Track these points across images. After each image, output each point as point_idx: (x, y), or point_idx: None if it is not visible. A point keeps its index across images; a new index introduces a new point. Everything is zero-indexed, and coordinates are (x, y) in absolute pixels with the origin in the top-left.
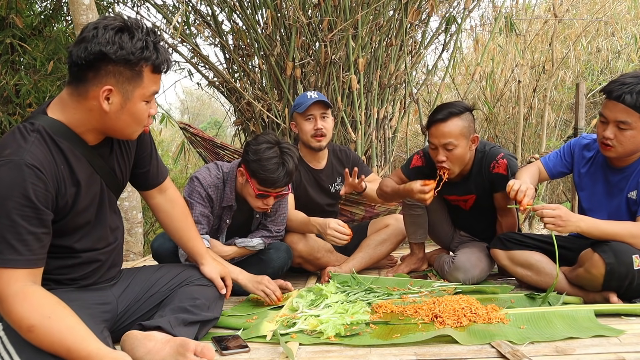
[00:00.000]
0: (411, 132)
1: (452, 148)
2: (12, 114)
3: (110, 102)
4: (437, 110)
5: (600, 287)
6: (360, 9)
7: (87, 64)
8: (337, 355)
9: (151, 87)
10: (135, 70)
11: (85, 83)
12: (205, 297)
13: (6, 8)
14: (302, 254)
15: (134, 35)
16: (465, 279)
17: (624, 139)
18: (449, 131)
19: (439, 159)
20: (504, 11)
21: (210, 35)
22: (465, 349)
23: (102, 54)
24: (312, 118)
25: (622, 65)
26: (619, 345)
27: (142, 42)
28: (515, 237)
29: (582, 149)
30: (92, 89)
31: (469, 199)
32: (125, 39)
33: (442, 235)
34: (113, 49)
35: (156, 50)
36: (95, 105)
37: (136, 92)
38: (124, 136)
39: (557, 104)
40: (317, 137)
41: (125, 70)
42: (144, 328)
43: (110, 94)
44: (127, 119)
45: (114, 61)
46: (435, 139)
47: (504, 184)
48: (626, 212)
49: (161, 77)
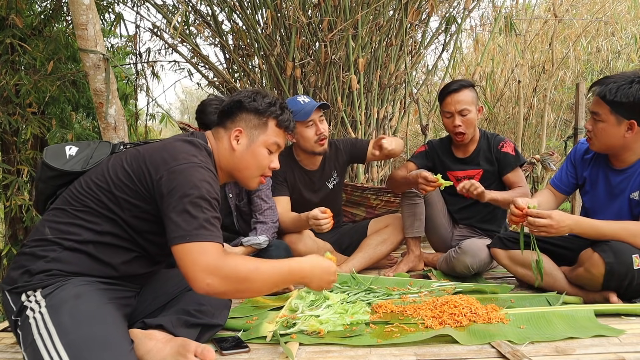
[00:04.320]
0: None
1: (466, 113)
2: (12, 114)
3: (239, 143)
4: (449, 84)
5: (600, 287)
6: (360, 9)
7: (227, 111)
8: (337, 355)
9: (273, 137)
10: (262, 120)
11: (224, 127)
12: (211, 304)
13: (6, 8)
14: (301, 254)
15: (267, 96)
16: (473, 263)
17: (597, 131)
18: (463, 99)
19: (456, 123)
20: (504, 11)
21: (210, 35)
22: (465, 349)
23: (239, 102)
24: (312, 123)
25: (622, 65)
26: (619, 345)
27: (271, 100)
28: (516, 236)
29: (582, 154)
30: (228, 132)
31: (475, 175)
32: (259, 97)
33: (441, 231)
34: (248, 100)
35: (282, 109)
36: (227, 145)
37: (260, 138)
38: (244, 179)
39: (557, 104)
40: (321, 142)
41: (254, 118)
42: (146, 326)
43: (240, 135)
44: (250, 159)
45: (247, 109)
46: (451, 107)
47: (512, 163)
48: (628, 213)
49: (285, 135)
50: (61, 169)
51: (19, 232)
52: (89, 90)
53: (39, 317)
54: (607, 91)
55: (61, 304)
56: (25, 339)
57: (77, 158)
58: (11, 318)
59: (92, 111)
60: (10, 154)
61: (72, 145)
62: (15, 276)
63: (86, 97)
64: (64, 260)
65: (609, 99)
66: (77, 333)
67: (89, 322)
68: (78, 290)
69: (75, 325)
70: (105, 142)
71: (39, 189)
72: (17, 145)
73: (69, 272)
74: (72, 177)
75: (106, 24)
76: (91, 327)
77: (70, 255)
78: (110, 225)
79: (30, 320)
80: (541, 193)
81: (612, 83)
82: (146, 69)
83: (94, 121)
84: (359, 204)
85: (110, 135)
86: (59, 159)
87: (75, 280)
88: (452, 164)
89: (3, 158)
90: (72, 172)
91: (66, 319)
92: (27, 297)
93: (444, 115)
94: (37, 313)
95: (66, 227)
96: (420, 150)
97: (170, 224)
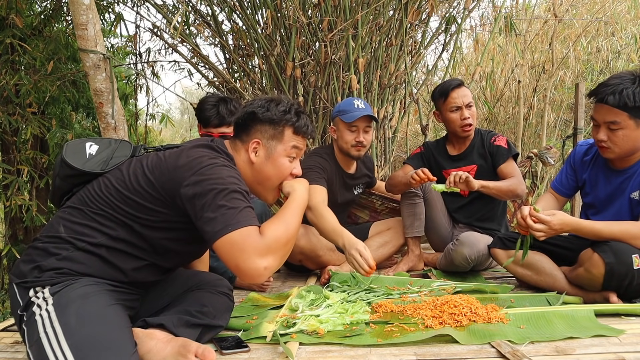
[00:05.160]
0: (411, 132)
1: (472, 105)
2: (12, 114)
3: (257, 155)
4: (448, 82)
5: (600, 287)
6: (360, 9)
7: (242, 123)
8: (337, 355)
9: (292, 144)
10: (278, 130)
11: (241, 140)
12: (213, 306)
13: (6, 8)
14: (303, 250)
15: (280, 103)
16: (471, 254)
17: (617, 139)
18: (467, 93)
19: (465, 115)
20: (504, 11)
21: (210, 35)
22: (465, 349)
23: (253, 114)
24: (356, 129)
25: (622, 65)
26: (619, 345)
27: (285, 108)
28: (515, 237)
29: (582, 156)
30: (245, 144)
31: (470, 170)
32: (272, 105)
33: (441, 230)
34: (261, 111)
35: (297, 115)
36: (245, 158)
37: (278, 148)
38: (264, 191)
39: (557, 104)
40: (357, 147)
41: (269, 128)
42: (147, 325)
43: (257, 147)
44: (271, 170)
45: (261, 120)
46: (459, 99)
47: (504, 155)
48: (629, 213)
49: (305, 141)
50: (80, 169)
51: (19, 232)
52: (89, 90)
53: (46, 315)
54: (627, 99)
55: (68, 303)
56: (30, 336)
57: (97, 158)
58: (17, 312)
59: (92, 111)
60: (10, 154)
61: (92, 142)
62: (26, 270)
63: (86, 97)
64: (75, 260)
65: (630, 106)
66: (82, 334)
67: (95, 323)
68: (85, 290)
69: (81, 326)
70: (125, 142)
71: (56, 184)
72: (17, 145)
73: (79, 272)
74: (91, 177)
75: (106, 24)
76: (97, 329)
77: (82, 256)
78: (125, 232)
79: (37, 317)
80: (543, 197)
81: (624, 90)
82: (146, 69)
83: (94, 121)
84: (364, 207)
85: (110, 135)
86: (79, 158)
87: (84, 280)
88: (446, 162)
89: (3, 158)
90: (91, 172)
91: (72, 319)
92: (35, 292)
93: (450, 111)
94: (43, 310)
95: (81, 227)
96: (416, 152)
97: (209, 223)
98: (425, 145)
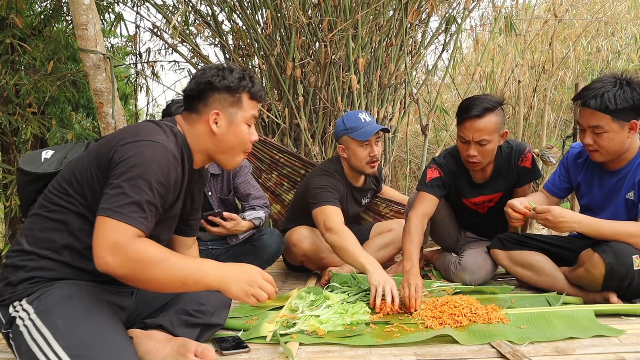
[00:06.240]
0: (411, 132)
1: (485, 144)
2: (12, 114)
3: (219, 125)
4: (471, 105)
5: (600, 287)
6: (360, 9)
7: (197, 95)
8: (337, 355)
9: (250, 111)
10: (236, 97)
11: (197, 112)
12: (210, 304)
13: (6, 8)
14: (307, 252)
15: (233, 70)
16: (472, 280)
17: (603, 142)
18: (484, 127)
19: (471, 153)
20: (504, 11)
21: (210, 35)
22: (465, 349)
23: (209, 84)
24: (368, 144)
25: (622, 65)
26: (619, 345)
27: (239, 74)
28: (515, 237)
29: (575, 158)
30: (203, 115)
31: (494, 198)
32: (226, 73)
33: (446, 239)
34: (217, 79)
35: (252, 81)
36: (206, 129)
37: (238, 115)
38: (228, 159)
39: (557, 104)
40: (372, 164)
41: (228, 96)
42: (146, 326)
43: (218, 118)
44: (233, 139)
45: (218, 89)
46: (469, 134)
47: (529, 177)
48: (625, 214)
49: (258, 105)
50: (35, 172)
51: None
52: (89, 90)
53: (30, 324)
54: (607, 102)
55: (51, 308)
56: (18, 348)
57: (51, 160)
58: (2, 331)
59: (92, 111)
60: (10, 154)
61: (48, 149)
62: (0, 289)
63: (86, 97)
64: (43, 268)
65: (612, 109)
66: (74, 333)
67: (84, 322)
68: (67, 291)
69: (72, 327)
70: (80, 142)
71: (20, 196)
72: (17, 145)
73: (51, 278)
74: (48, 179)
75: (106, 24)
76: (87, 326)
77: (49, 264)
78: (82, 223)
79: (21, 328)
80: (534, 195)
81: (605, 93)
82: (146, 69)
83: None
84: (368, 209)
85: None
86: (34, 163)
87: (60, 283)
88: (468, 191)
89: (3, 158)
90: (47, 174)
91: (60, 322)
92: (14, 308)
93: (459, 139)
94: (27, 321)
95: (40, 233)
96: (434, 177)
97: (104, 196)
98: (444, 168)
